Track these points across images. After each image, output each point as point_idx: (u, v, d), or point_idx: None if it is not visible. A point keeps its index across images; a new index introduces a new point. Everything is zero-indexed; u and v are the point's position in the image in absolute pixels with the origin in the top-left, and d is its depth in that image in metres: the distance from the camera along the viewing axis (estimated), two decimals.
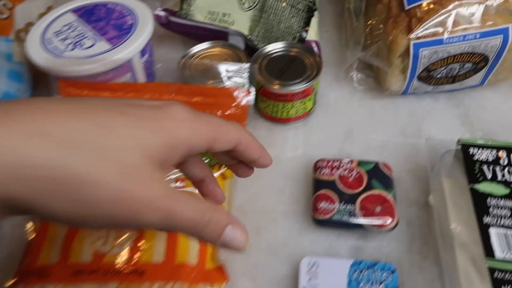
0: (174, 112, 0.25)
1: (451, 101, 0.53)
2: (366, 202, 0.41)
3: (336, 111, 0.53)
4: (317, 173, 0.43)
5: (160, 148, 0.23)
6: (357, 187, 0.42)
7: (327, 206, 0.41)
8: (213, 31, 0.56)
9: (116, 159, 0.22)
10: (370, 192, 0.41)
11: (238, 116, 0.47)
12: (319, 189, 0.42)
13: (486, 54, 0.46)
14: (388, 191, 0.41)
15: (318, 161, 0.44)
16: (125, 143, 0.22)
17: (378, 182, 0.42)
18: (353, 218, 0.40)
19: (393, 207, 0.40)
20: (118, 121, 0.23)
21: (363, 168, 0.43)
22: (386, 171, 0.43)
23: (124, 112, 0.23)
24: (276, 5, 0.54)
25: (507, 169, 0.40)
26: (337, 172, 0.43)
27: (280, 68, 0.49)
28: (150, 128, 0.23)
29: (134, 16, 0.51)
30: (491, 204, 0.37)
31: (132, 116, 0.23)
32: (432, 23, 0.45)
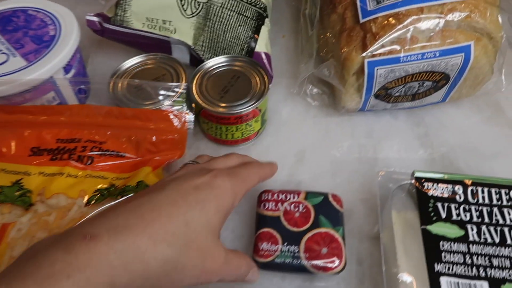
0: (221, 185, 0.31)
1: (411, 119, 0.49)
2: (311, 242, 0.37)
3: (289, 130, 0.49)
4: (261, 207, 0.39)
5: (220, 223, 0.31)
6: (303, 224, 0.38)
7: (269, 247, 0.37)
8: (154, 40, 0.50)
9: (195, 246, 0.28)
10: (316, 230, 0.37)
11: (176, 141, 0.42)
12: (262, 226, 0.38)
13: (447, 73, 0.42)
14: (336, 229, 0.37)
15: (262, 193, 0.40)
16: (199, 232, 0.29)
17: (326, 219, 0.38)
18: (297, 261, 0.36)
19: (341, 247, 0.36)
20: (190, 214, 0.29)
21: (311, 202, 0.39)
22: (335, 204, 0.39)
23: (189, 201, 0.29)
24: (221, 12, 0.48)
25: (462, 207, 0.36)
26: (282, 206, 0.39)
27: (222, 86, 0.44)
28: (212, 211, 0.30)
29: (57, 25, 0.45)
30: (444, 248, 0.34)
31: (196, 204, 0.29)
32: (388, 39, 0.41)
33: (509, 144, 0.46)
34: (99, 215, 0.27)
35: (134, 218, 0.26)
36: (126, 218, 0.26)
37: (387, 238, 0.37)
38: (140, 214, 0.27)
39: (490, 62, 0.43)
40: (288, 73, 0.54)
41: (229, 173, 0.33)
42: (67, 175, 0.40)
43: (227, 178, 0.32)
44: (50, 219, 0.37)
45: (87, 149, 0.41)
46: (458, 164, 0.45)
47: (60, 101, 0.45)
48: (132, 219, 0.26)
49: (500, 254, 0.34)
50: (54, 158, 0.40)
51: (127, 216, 0.27)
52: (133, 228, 0.26)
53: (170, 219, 0.28)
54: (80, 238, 0.24)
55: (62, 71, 0.44)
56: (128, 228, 0.26)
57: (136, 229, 0.26)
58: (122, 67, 0.46)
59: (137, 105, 0.43)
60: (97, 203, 0.38)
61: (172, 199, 0.29)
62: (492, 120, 0.48)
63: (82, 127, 0.42)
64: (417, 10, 0.41)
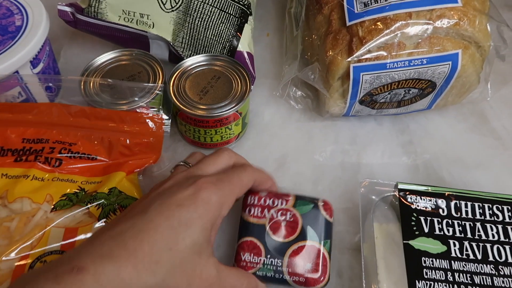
0: (206, 199, 0.30)
1: (396, 126, 0.48)
2: (296, 256, 0.35)
3: (270, 134, 0.47)
4: (246, 213, 0.36)
5: (207, 240, 0.30)
6: (289, 235, 0.35)
7: (252, 258, 0.35)
8: (131, 34, 0.48)
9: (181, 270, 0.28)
10: (302, 243, 0.35)
11: (151, 145, 0.40)
12: (246, 234, 0.36)
13: (433, 81, 0.41)
14: (324, 243, 0.35)
15: (248, 195, 0.37)
16: (184, 255, 0.28)
17: (313, 231, 0.36)
18: (279, 275, 0.34)
19: (326, 263, 0.35)
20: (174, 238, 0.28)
21: (299, 211, 0.36)
22: (325, 214, 0.36)
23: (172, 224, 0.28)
24: (203, 8, 0.46)
25: (445, 221, 0.35)
26: (268, 213, 0.36)
27: (202, 87, 0.42)
28: (197, 230, 0.29)
29: (24, 15, 0.42)
30: (426, 264, 0.33)
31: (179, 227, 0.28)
32: (375, 44, 0.39)
33: (493, 155, 0.45)
34: (85, 243, 0.28)
35: (117, 248, 0.27)
36: (110, 248, 0.27)
37: (368, 251, 0.36)
38: (123, 244, 0.27)
39: (477, 71, 0.42)
40: (271, 73, 0.52)
41: (216, 181, 0.31)
42: (32, 178, 0.37)
43: (213, 189, 0.31)
44: (12, 225, 0.35)
45: (55, 151, 0.38)
46: (441, 173, 0.44)
47: (26, 97, 0.42)
48: (116, 249, 0.27)
49: (482, 271, 0.33)
50: (19, 159, 0.38)
51: (110, 244, 0.27)
52: (117, 259, 0.26)
53: (153, 247, 0.27)
54: (68, 270, 0.25)
55: (29, 65, 0.41)
56: (112, 259, 0.26)
57: (119, 260, 0.26)
58: (94, 63, 0.43)
59: (110, 105, 0.40)
60: (65, 209, 0.36)
61: (155, 223, 0.28)
62: (476, 129, 0.48)
63: (51, 127, 0.39)
64: (405, 15, 0.39)
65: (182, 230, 0.28)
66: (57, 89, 0.43)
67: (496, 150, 0.46)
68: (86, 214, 0.35)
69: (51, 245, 0.34)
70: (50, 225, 0.35)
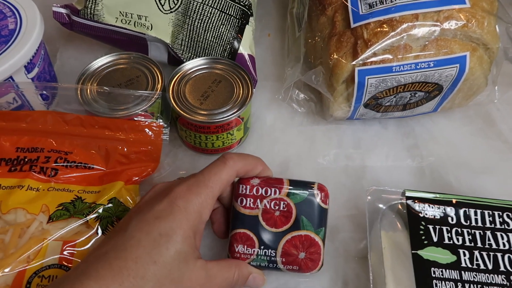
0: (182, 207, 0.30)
1: (401, 129, 0.47)
2: (289, 246, 0.34)
3: (273, 138, 0.46)
4: (238, 203, 0.35)
5: (191, 246, 0.30)
6: (282, 224, 0.34)
7: (245, 250, 0.34)
8: (129, 36, 0.46)
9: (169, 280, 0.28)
10: (296, 233, 0.34)
11: (150, 153, 0.39)
12: (239, 226, 0.34)
13: (440, 84, 0.40)
14: (317, 232, 0.34)
15: (240, 183, 0.35)
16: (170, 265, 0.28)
17: (307, 221, 0.34)
18: (273, 265, 0.34)
19: (320, 251, 0.34)
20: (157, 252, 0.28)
21: (293, 200, 0.35)
22: (320, 202, 0.35)
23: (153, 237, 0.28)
24: (202, 9, 0.44)
25: (454, 230, 0.34)
26: (261, 204, 0.35)
27: (202, 91, 0.41)
28: (179, 239, 0.29)
29: (18, 18, 0.40)
30: (436, 275, 0.32)
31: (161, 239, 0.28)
32: (380, 46, 0.38)
33: (500, 159, 0.44)
34: (75, 267, 0.28)
35: (102, 269, 0.27)
36: (96, 270, 0.27)
37: (376, 261, 0.35)
38: (108, 264, 0.27)
39: (485, 74, 0.41)
40: (273, 76, 0.51)
41: (191, 186, 0.31)
42: (27, 188, 0.36)
43: (189, 196, 0.30)
44: (7, 238, 0.33)
45: (51, 160, 0.37)
46: (448, 178, 0.43)
47: (21, 103, 0.40)
48: (101, 271, 0.27)
49: (493, 282, 0.32)
50: (13, 169, 0.36)
51: (96, 267, 0.27)
52: (103, 281, 0.26)
53: (137, 262, 0.27)
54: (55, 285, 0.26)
55: (24, 70, 0.39)
56: (99, 280, 0.26)
57: (106, 280, 0.26)
58: (91, 68, 0.42)
59: (108, 110, 0.39)
60: (61, 220, 0.34)
61: (136, 239, 0.28)
62: (483, 132, 0.47)
63: (45, 135, 0.38)
64: (412, 17, 0.38)
65: (163, 242, 0.28)
66: (52, 96, 0.42)
67: (504, 154, 0.45)
68: (84, 225, 0.34)
69: (48, 258, 0.32)
70: (46, 236, 0.34)
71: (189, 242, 0.29)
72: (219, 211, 0.36)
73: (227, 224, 0.36)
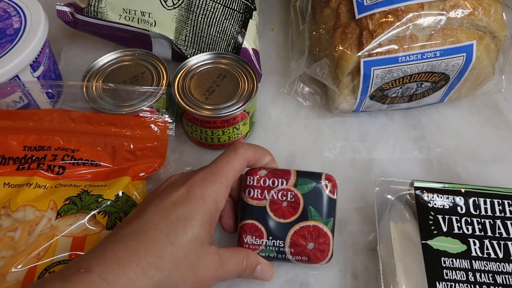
0: (199, 195, 0.30)
1: (407, 121, 0.46)
2: (298, 237, 0.34)
3: (278, 132, 0.46)
4: (246, 194, 0.35)
5: (207, 232, 0.30)
6: (290, 215, 0.34)
7: (254, 241, 0.34)
8: (133, 33, 0.46)
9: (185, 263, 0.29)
10: (304, 223, 0.34)
11: (156, 149, 0.39)
12: (247, 217, 0.35)
13: (446, 73, 0.40)
14: (326, 222, 0.34)
15: (247, 175, 0.35)
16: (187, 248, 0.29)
17: (315, 211, 0.34)
18: (282, 255, 0.34)
19: (329, 241, 0.34)
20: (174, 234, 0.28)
21: (301, 190, 0.35)
22: (328, 192, 0.35)
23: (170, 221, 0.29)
24: (205, 4, 0.44)
25: (464, 219, 0.34)
26: (269, 195, 0.35)
27: (207, 86, 0.40)
28: (196, 224, 0.29)
29: (22, 17, 0.40)
30: (446, 265, 0.32)
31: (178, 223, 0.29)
32: (386, 37, 0.38)
33: (509, 148, 0.44)
34: (90, 251, 0.28)
35: (119, 249, 0.27)
36: (112, 250, 0.27)
37: (385, 252, 0.34)
38: (125, 245, 0.28)
39: (492, 62, 0.41)
40: (277, 70, 0.51)
41: (207, 175, 0.32)
42: (35, 186, 0.36)
43: (205, 184, 0.31)
44: (16, 235, 0.34)
45: (58, 158, 0.37)
46: (456, 169, 0.43)
47: (27, 102, 0.41)
48: (118, 250, 0.27)
49: (504, 271, 0.32)
50: (21, 167, 0.37)
51: (113, 247, 0.28)
52: (121, 259, 0.27)
53: (155, 244, 0.28)
54: (75, 271, 0.26)
55: (29, 69, 0.40)
56: (116, 259, 0.27)
57: (123, 260, 0.27)
58: (96, 65, 0.42)
59: (114, 107, 0.39)
60: (69, 215, 0.35)
61: (153, 223, 0.29)
62: (490, 121, 0.46)
63: (52, 133, 0.38)
64: (417, 6, 0.38)
65: (181, 225, 0.29)
66: (58, 94, 0.42)
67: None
68: (92, 222, 0.34)
69: (58, 255, 0.33)
70: (55, 233, 0.34)
71: (206, 228, 0.30)
72: (227, 204, 0.36)
73: (235, 217, 0.36)
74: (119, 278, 0.26)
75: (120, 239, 0.28)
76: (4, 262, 0.32)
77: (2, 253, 0.33)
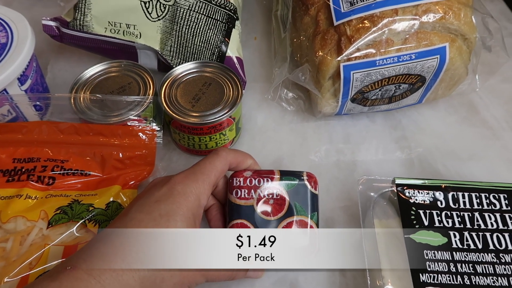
0: (181, 191, 0.31)
1: (388, 122, 0.48)
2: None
3: (264, 137, 0.47)
4: (233, 195, 0.36)
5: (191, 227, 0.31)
6: (277, 212, 0.36)
7: None
8: (119, 45, 0.47)
9: None
10: (291, 219, 0.35)
11: (145, 157, 0.40)
12: (235, 217, 0.35)
13: (423, 75, 0.42)
14: (311, 217, 0.35)
15: (233, 177, 0.36)
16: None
17: (300, 206, 0.36)
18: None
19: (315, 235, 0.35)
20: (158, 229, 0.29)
21: (286, 187, 0.36)
22: (310, 188, 0.36)
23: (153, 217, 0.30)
24: (189, 15, 0.46)
25: (444, 213, 0.35)
26: (255, 194, 0.36)
27: (193, 94, 0.42)
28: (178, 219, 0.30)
29: (9, 32, 0.41)
30: (428, 257, 0.33)
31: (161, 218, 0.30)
32: (363, 42, 0.39)
33: (485, 145, 0.46)
34: (76, 252, 0.29)
35: (105, 247, 0.28)
36: (98, 248, 0.28)
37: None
38: (110, 242, 0.28)
39: (465, 63, 0.43)
40: (261, 77, 0.52)
41: (189, 174, 0.33)
42: (26, 197, 0.36)
43: (187, 181, 0.32)
44: (8, 245, 0.34)
45: (47, 169, 0.37)
46: (436, 166, 0.44)
47: (15, 115, 0.41)
48: (104, 248, 0.28)
49: (484, 260, 0.33)
50: (11, 179, 0.37)
51: (98, 246, 0.28)
52: (106, 256, 0.28)
53: (139, 239, 0.29)
54: (63, 270, 0.27)
55: (17, 82, 0.40)
56: (101, 256, 0.27)
57: (109, 256, 0.27)
58: (83, 77, 0.42)
59: (102, 117, 0.40)
60: (61, 224, 0.35)
61: (136, 220, 0.30)
62: (467, 120, 0.48)
63: (41, 145, 0.38)
64: (392, 12, 0.40)
65: (164, 220, 0.30)
66: (46, 106, 0.42)
67: (488, 140, 0.46)
68: (83, 230, 0.35)
69: (50, 263, 0.33)
70: (46, 242, 0.34)
71: (189, 223, 0.31)
72: (214, 207, 0.37)
73: (223, 220, 0.37)
74: (105, 273, 0.27)
75: (105, 237, 0.29)
76: None
77: None
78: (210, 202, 0.37)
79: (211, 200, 0.37)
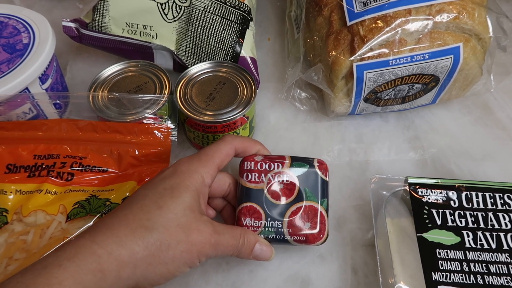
0: (185, 169, 0.33)
1: (401, 122, 0.48)
2: (295, 217, 0.35)
3: (277, 136, 0.47)
4: (243, 178, 0.37)
5: (195, 201, 0.32)
6: (287, 197, 0.36)
7: (253, 222, 0.35)
8: (135, 46, 0.48)
9: (175, 224, 0.30)
10: (300, 203, 0.36)
11: (160, 154, 0.41)
12: (246, 200, 0.36)
13: (436, 75, 0.42)
14: (321, 202, 0.36)
15: (244, 161, 0.37)
16: (176, 211, 0.30)
17: (310, 192, 0.36)
18: (280, 236, 0.35)
19: (324, 221, 0.35)
20: (162, 200, 0.30)
21: (296, 173, 0.37)
22: (321, 174, 0.37)
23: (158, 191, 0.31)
24: (204, 16, 0.47)
25: (457, 213, 0.35)
26: (266, 178, 0.36)
27: (208, 93, 0.42)
28: (183, 192, 0.31)
29: (31, 33, 0.43)
30: (441, 256, 0.33)
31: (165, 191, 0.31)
32: (376, 42, 0.40)
33: (499, 146, 0.46)
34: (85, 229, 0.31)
35: (110, 219, 0.30)
36: (103, 220, 0.30)
37: (382, 246, 0.36)
38: (115, 215, 0.30)
39: (479, 63, 0.42)
40: (274, 77, 0.53)
41: (193, 156, 0.34)
42: (46, 192, 0.37)
43: (191, 161, 0.33)
44: (28, 238, 0.35)
45: (66, 165, 0.39)
46: (450, 167, 0.44)
47: (36, 113, 0.42)
48: (109, 220, 0.29)
49: (497, 260, 0.33)
50: (32, 175, 0.38)
51: (104, 219, 0.30)
52: (110, 225, 0.29)
53: (143, 208, 0.30)
54: (68, 241, 0.28)
55: (38, 81, 0.42)
56: (105, 225, 0.29)
57: (112, 225, 0.29)
58: (101, 76, 0.44)
59: (119, 115, 0.41)
60: (79, 217, 0.36)
61: (142, 195, 0.31)
62: (481, 121, 0.48)
63: (61, 142, 0.40)
64: (405, 12, 0.40)
65: (168, 193, 0.31)
66: (65, 105, 0.44)
67: (502, 141, 0.46)
68: None
69: None
70: (65, 235, 0.35)
71: (194, 196, 0.31)
72: (227, 208, 0.38)
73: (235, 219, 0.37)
74: (109, 238, 0.28)
75: (112, 213, 0.30)
76: (17, 264, 0.33)
77: (16, 255, 0.34)
78: (222, 204, 0.38)
79: (223, 202, 0.38)
